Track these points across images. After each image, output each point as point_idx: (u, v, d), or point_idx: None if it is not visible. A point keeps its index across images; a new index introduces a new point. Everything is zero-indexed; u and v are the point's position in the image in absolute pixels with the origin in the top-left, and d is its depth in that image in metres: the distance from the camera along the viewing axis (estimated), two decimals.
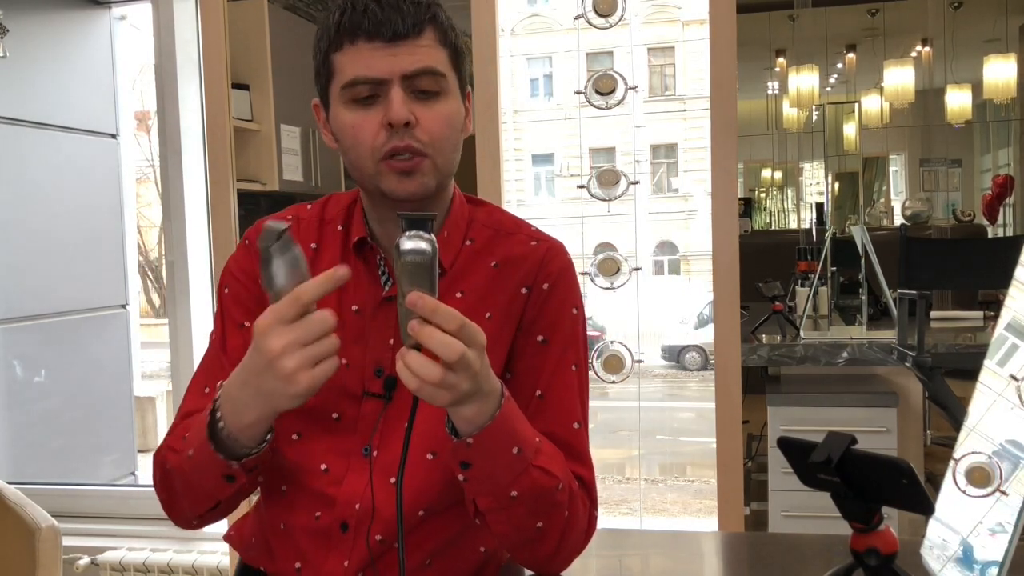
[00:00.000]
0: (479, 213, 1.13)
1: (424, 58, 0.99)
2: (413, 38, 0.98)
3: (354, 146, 1.01)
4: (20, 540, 1.57)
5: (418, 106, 0.99)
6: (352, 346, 1.05)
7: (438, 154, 1.01)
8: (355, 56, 0.99)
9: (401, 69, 0.98)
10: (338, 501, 1.04)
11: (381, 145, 0.99)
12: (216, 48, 2.30)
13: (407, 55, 0.98)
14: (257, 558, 1.13)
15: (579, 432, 1.07)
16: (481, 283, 1.07)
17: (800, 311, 3.01)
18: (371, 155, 1.00)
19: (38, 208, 3.22)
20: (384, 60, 0.98)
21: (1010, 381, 0.84)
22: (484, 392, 0.87)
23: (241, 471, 0.96)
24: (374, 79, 0.98)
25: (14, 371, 3.25)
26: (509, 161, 2.29)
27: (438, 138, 1.01)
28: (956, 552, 0.88)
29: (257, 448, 0.96)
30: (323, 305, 1.06)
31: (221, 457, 0.95)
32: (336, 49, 1.00)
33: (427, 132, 1.00)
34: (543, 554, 1.01)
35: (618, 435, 7.18)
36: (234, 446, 0.95)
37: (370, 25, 0.97)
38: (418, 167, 1.00)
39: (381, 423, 1.05)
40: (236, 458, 0.95)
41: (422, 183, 1.01)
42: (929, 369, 2.28)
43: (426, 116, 1.00)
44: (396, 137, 0.99)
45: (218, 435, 0.95)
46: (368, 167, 1.01)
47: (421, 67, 0.99)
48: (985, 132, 4.13)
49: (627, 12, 2.08)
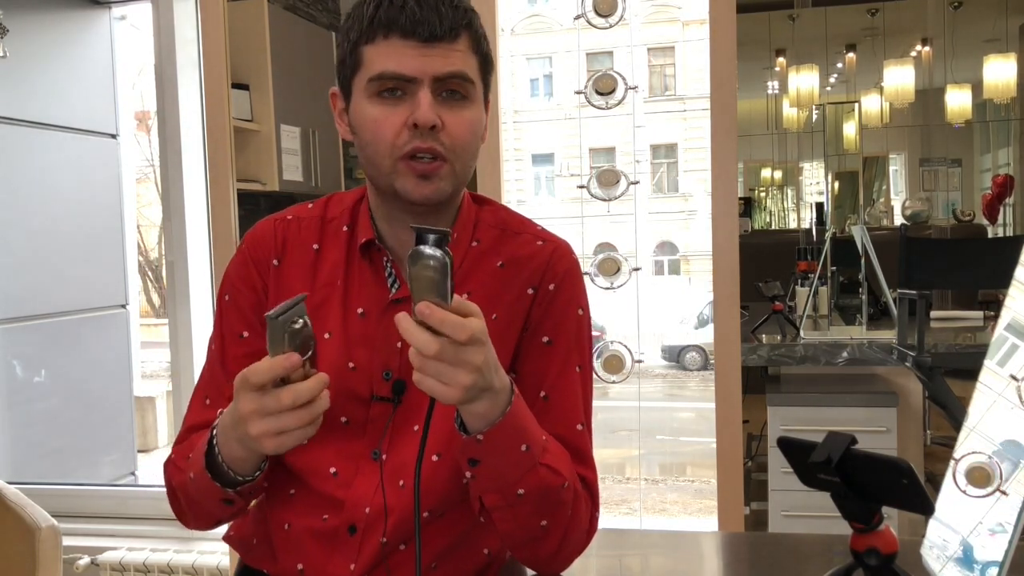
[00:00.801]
0: (485, 212, 1.13)
1: (457, 62, 0.98)
2: (448, 41, 0.97)
3: (373, 141, 1.00)
4: (20, 540, 1.57)
5: (444, 110, 0.98)
6: (359, 349, 1.05)
7: (458, 160, 1.01)
8: (388, 50, 0.97)
9: (433, 71, 0.97)
10: (347, 504, 1.04)
11: (403, 144, 0.98)
12: (216, 48, 2.30)
13: (440, 57, 0.97)
14: (258, 559, 1.13)
15: (582, 433, 1.07)
16: (487, 283, 1.07)
17: (800, 311, 3.01)
18: (390, 152, 0.99)
19: (38, 208, 3.22)
20: (417, 59, 0.97)
21: (1010, 381, 0.84)
22: (495, 389, 0.87)
23: (238, 497, 0.98)
24: (404, 76, 0.97)
25: (14, 371, 3.25)
26: (509, 161, 2.29)
27: (461, 144, 1.00)
28: (956, 552, 0.88)
29: (251, 476, 0.97)
30: (327, 308, 1.07)
31: (218, 485, 0.97)
32: (368, 41, 0.99)
33: (451, 136, 0.99)
34: (545, 553, 1.01)
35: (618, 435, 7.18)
36: (230, 474, 0.96)
37: (407, 22, 0.96)
38: (437, 171, 0.99)
39: (390, 426, 1.05)
40: (232, 485, 0.97)
41: (439, 187, 1.00)
42: (929, 369, 2.28)
43: (452, 121, 0.99)
44: (419, 138, 0.98)
45: (215, 462, 0.96)
46: (385, 164, 1.00)
47: (453, 71, 0.98)
48: (985, 132, 4.13)
49: (627, 12, 2.08)
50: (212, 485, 0.97)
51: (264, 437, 0.85)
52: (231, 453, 0.94)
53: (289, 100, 2.88)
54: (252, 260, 1.10)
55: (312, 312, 1.07)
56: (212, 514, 1.03)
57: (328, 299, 1.07)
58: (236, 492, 0.97)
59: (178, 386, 2.86)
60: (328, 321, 1.07)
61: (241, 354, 1.08)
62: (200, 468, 0.97)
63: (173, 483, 1.05)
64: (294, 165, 2.90)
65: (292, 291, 1.08)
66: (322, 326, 1.06)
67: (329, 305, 1.07)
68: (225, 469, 0.95)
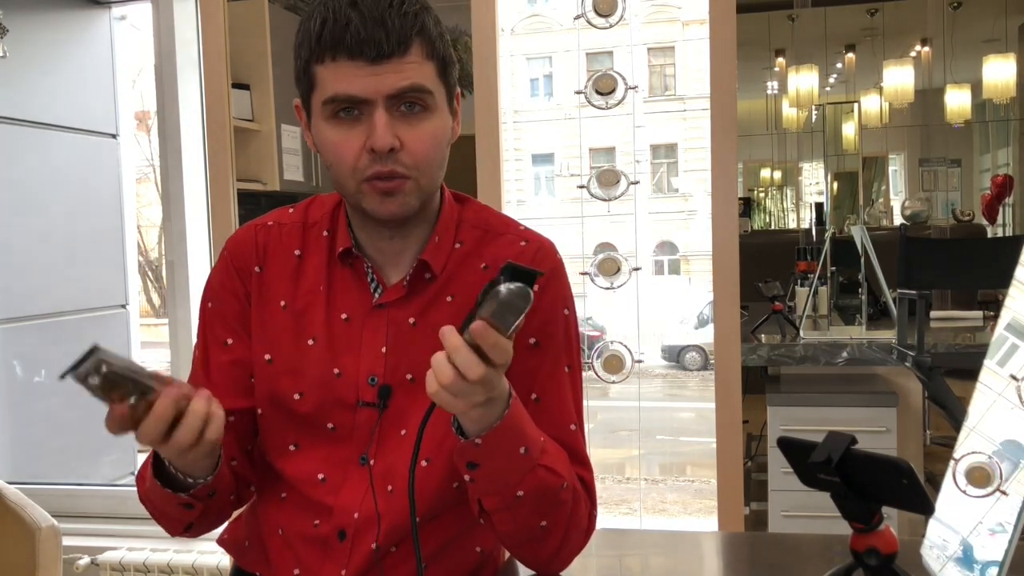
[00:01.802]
0: (467, 213, 1.11)
1: (410, 75, 0.95)
2: (399, 56, 0.94)
3: (335, 163, 0.98)
4: (20, 540, 1.57)
5: (402, 125, 0.96)
6: (344, 356, 1.04)
7: (423, 175, 0.99)
8: (336, 72, 0.94)
9: (386, 89, 0.94)
10: (336, 510, 1.04)
11: (364, 167, 0.96)
12: (216, 48, 2.30)
13: (392, 73, 0.94)
14: (251, 563, 1.13)
15: (575, 433, 1.07)
16: (471, 286, 1.05)
17: (800, 311, 3.01)
18: (352, 175, 0.97)
19: (38, 208, 3.22)
20: (367, 80, 0.94)
21: (1010, 381, 0.85)
22: (493, 394, 0.87)
23: (194, 500, 0.98)
24: (356, 98, 0.95)
25: (14, 371, 3.24)
26: (509, 161, 2.28)
27: (422, 160, 0.98)
28: (956, 552, 0.89)
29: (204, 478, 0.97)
30: (311, 314, 1.06)
31: (170, 492, 0.97)
32: (317, 61, 0.96)
33: (411, 155, 0.97)
34: (545, 553, 1.01)
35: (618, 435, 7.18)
36: (184, 479, 0.96)
37: (352, 42, 0.92)
38: (400, 188, 0.97)
39: (377, 432, 1.04)
40: (185, 489, 0.97)
41: (404, 203, 0.99)
42: (929, 369, 2.28)
43: (410, 137, 0.96)
44: (379, 162, 0.96)
45: (165, 471, 0.96)
46: (350, 186, 0.99)
47: (406, 85, 0.95)
48: (984, 132, 4.13)
49: (627, 12, 2.08)
50: (165, 492, 0.97)
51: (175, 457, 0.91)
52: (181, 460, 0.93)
53: (289, 100, 2.87)
54: (234, 269, 1.09)
55: (296, 318, 1.06)
56: (179, 519, 1.03)
57: (311, 305, 1.06)
58: (191, 496, 0.97)
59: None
60: (312, 327, 1.06)
61: (226, 361, 1.08)
62: (151, 477, 0.98)
63: (140, 493, 1.05)
64: (295, 165, 2.90)
65: (275, 297, 1.07)
66: (306, 332, 1.06)
67: (313, 311, 1.06)
68: (174, 472, 0.95)
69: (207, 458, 0.94)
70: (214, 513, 1.05)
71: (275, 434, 1.07)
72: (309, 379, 1.05)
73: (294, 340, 1.06)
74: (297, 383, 1.05)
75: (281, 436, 1.07)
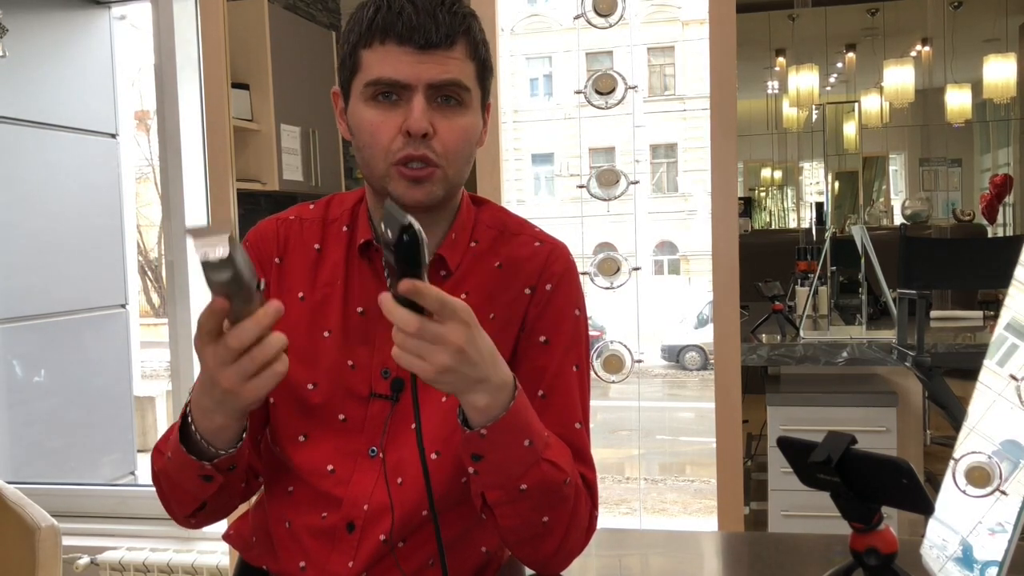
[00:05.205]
0: (483, 214, 1.14)
1: (452, 70, 0.99)
2: (444, 49, 0.98)
3: (369, 144, 1.01)
4: (20, 540, 1.57)
5: (438, 116, 0.99)
6: (359, 348, 1.06)
7: (450, 166, 1.01)
8: (383, 56, 0.98)
9: (428, 78, 0.98)
10: (345, 501, 1.05)
11: (397, 150, 0.99)
12: (216, 48, 2.29)
13: (436, 64, 0.98)
14: (259, 557, 1.14)
15: (580, 432, 1.07)
16: (485, 284, 1.08)
17: (800, 311, 3.01)
18: (384, 157, 1.00)
19: (38, 208, 3.23)
20: (412, 66, 0.98)
21: (1010, 381, 0.85)
22: (495, 383, 0.88)
23: (215, 471, 0.97)
24: (399, 82, 0.98)
25: (14, 371, 3.25)
26: (509, 161, 2.29)
27: (453, 151, 1.01)
28: (956, 552, 0.89)
29: (228, 450, 0.96)
30: (328, 307, 1.07)
31: (193, 459, 0.96)
32: (365, 45, 1.00)
33: (443, 144, 1.00)
34: (546, 551, 1.01)
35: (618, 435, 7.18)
36: (208, 448, 0.95)
37: (403, 28, 0.97)
38: (429, 177, 1.00)
39: (389, 424, 1.05)
40: (209, 459, 0.96)
41: (430, 192, 1.01)
42: (929, 369, 2.28)
43: (444, 128, 1.00)
44: (412, 146, 0.99)
45: (191, 438, 0.95)
46: (379, 168, 1.01)
47: (448, 79, 0.99)
48: (985, 132, 4.13)
49: (627, 12, 2.08)
50: (188, 459, 0.96)
51: (235, 387, 0.85)
52: (211, 423, 0.92)
53: (289, 100, 2.88)
54: (255, 259, 1.11)
55: (313, 310, 1.08)
56: (194, 495, 1.01)
57: (329, 298, 1.08)
58: (213, 466, 0.96)
59: (178, 386, 2.86)
60: (328, 319, 1.07)
61: None
62: (176, 443, 0.96)
63: (156, 468, 1.04)
64: (294, 165, 2.90)
65: (293, 289, 1.09)
66: (322, 324, 1.07)
67: (330, 304, 1.08)
68: (199, 439, 0.95)
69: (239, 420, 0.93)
70: (226, 495, 1.04)
71: (286, 424, 1.08)
72: (323, 370, 1.06)
73: (310, 331, 1.07)
74: (311, 374, 1.06)
75: (292, 426, 1.07)
